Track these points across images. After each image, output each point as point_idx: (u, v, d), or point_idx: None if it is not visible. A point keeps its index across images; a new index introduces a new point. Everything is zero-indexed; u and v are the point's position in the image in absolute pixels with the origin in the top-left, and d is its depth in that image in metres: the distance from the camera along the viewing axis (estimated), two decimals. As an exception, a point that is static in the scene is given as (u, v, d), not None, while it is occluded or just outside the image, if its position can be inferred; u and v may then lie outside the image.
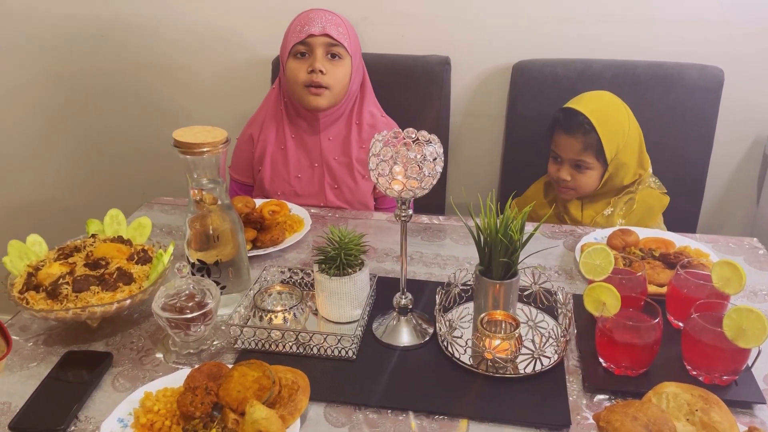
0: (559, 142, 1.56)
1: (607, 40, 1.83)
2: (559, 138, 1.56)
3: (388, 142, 0.96)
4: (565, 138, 1.54)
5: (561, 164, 1.57)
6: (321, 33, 1.55)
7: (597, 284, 1.02)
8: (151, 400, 0.91)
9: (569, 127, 1.52)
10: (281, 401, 0.89)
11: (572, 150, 1.53)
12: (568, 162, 1.55)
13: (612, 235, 1.35)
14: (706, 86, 1.73)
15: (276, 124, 1.68)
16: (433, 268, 1.32)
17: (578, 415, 0.92)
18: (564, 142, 1.54)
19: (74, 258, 1.15)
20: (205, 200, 1.09)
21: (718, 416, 0.84)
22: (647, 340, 0.95)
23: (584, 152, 1.52)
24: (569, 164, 1.55)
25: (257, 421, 0.82)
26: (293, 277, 1.22)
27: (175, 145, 1.03)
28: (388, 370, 1.01)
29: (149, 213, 1.56)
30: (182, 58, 2.05)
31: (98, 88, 2.15)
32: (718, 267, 1.05)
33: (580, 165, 1.54)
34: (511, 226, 1.00)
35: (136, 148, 2.23)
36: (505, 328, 1.02)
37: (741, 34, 1.77)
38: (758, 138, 1.90)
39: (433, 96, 1.85)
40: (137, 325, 1.14)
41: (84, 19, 2.04)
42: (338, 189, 1.66)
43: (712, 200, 1.98)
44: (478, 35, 1.88)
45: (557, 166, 1.58)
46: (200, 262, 1.11)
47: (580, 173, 1.55)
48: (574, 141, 1.52)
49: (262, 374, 0.91)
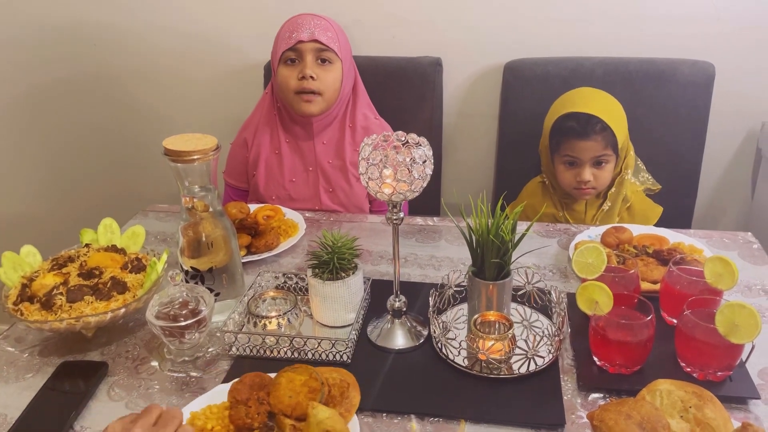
0: (576, 147, 1.53)
1: (598, 38, 1.83)
2: (575, 144, 1.53)
3: (377, 146, 0.96)
4: (583, 144, 1.52)
5: (580, 167, 1.55)
6: (310, 39, 1.55)
7: (589, 283, 1.02)
8: (201, 419, 0.89)
9: (586, 132, 1.51)
10: (334, 400, 0.90)
11: (593, 150, 1.52)
12: (588, 163, 1.53)
13: (606, 232, 1.35)
14: (698, 81, 1.74)
15: (270, 129, 1.69)
16: (428, 269, 1.32)
17: (573, 414, 0.92)
18: (583, 146, 1.52)
19: (68, 268, 1.16)
20: (197, 208, 1.09)
21: (712, 413, 0.84)
22: (640, 337, 0.95)
23: (605, 149, 1.52)
24: (590, 164, 1.54)
25: (323, 422, 0.82)
26: (287, 282, 1.23)
27: (165, 154, 1.03)
28: (382, 374, 1.01)
29: (144, 221, 1.56)
30: (174, 63, 2.05)
31: (90, 95, 2.15)
32: (710, 263, 1.05)
33: (601, 161, 1.54)
34: (502, 227, 1.00)
35: (129, 156, 2.23)
36: (498, 328, 1.02)
37: (731, 29, 1.77)
38: (751, 132, 1.90)
39: (426, 97, 1.86)
40: (132, 333, 1.14)
41: (74, 26, 2.04)
42: (333, 192, 1.67)
43: (706, 196, 1.98)
44: (469, 36, 1.88)
45: (576, 170, 1.56)
46: (194, 269, 1.12)
47: (601, 170, 1.55)
48: (593, 143, 1.51)
49: (309, 377, 0.91)
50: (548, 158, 1.64)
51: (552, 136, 1.59)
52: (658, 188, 1.68)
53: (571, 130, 1.53)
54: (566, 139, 1.55)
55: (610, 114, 1.52)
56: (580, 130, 1.52)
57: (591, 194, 1.59)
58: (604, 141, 1.52)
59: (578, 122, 1.52)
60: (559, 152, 1.58)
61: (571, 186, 1.58)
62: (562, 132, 1.56)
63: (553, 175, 1.64)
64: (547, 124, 1.61)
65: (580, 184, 1.56)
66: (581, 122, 1.52)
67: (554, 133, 1.58)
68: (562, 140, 1.56)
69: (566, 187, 1.60)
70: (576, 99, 1.58)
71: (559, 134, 1.57)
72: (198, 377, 1.02)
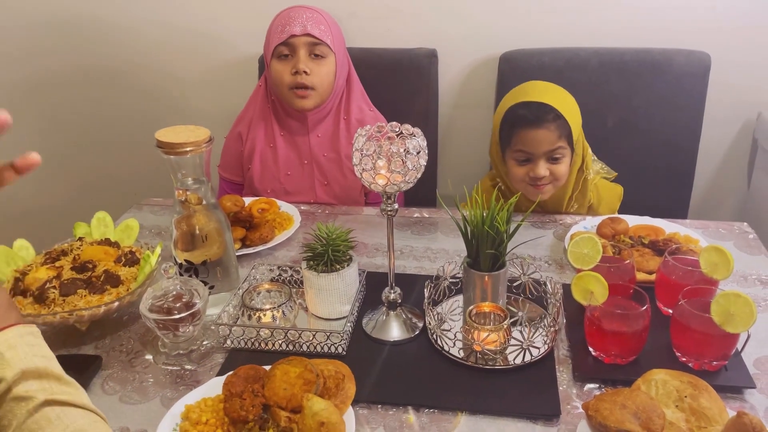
0: (528, 139, 1.40)
1: (593, 28, 1.82)
2: (527, 135, 1.40)
3: (371, 137, 0.95)
4: (535, 132, 1.39)
5: (533, 162, 1.42)
6: (302, 33, 1.53)
7: (585, 273, 1.02)
8: (196, 412, 0.89)
9: (540, 120, 1.39)
10: (329, 392, 0.90)
11: (547, 142, 1.40)
12: (542, 156, 1.41)
13: (602, 223, 1.35)
14: (694, 71, 1.73)
15: (265, 123, 1.68)
16: (424, 261, 1.32)
17: (568, 405, 0.92)
18: (535, 137, 1.40)
19: (61, 262, 1.15)
20: (190, 200, 1.09)
21: (707, 402, 0.84)
22: (636, 327, 0.95)
23: (559, 140, 1.41)
24: (544, 158, 1.41)
25: (318, 413, 0.82)
26: (282, 275, 1.22)
27: (158, 146, 1.03)
28: (378, 365, 1.00)
29: (138, 214, 1.55)
30: (167, 56, 2.04)
31: (83, 89, 2.13)
32: (705, 253, 1.05)
33: (556, 156, 1.42)
34: (497, 218, 0.99)
35: (123, 149, 2.22)
36: (493, 319, 1.01)
37: (727, 18, 1.77)
38: (747, 122, 1.90)
39: (421, 89, 1.85)
40: (126, 327, 1.13)
41: (66, 20, 2.03)
42: (328, 185, 1.66)
43: (702, 186, 1.98)
44: (464, 27, 1.87)
45: (528, 166, 1.43)
46: (187, 262, 1.11)
47: (557, 164, 1.42)
48: (547, 132, 1.39)
49: (304, 369, 0.91)
50: (500, 158, 1.51)
51: (502, 129, 1.46)
52: (613, 176, 1.62)
53: (522, 118, 1.41)
54: (518, 131, 1.42)
55: (563, 104, 1.43)
56: (532, 118, 1.40)
57: (548, 191, 1.46)
58: (558, 131, 1.40)
59: (530, 110, 1.41)
60: (511, 146, 1.44)
61: (524, 182, 1.45)
62: (513, 122, 1.43)
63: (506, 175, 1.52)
64: (497, 119, 1.49)
65: (534, 180, 1.43)
66: (533, 110, 1.40)
67: (505, 124, 1.45)
68: (513, 132, 1.43)
69: (518, 185, 1.47)
70: (528, 89, 1.47)
71: (510, 125, 1.44)
72: (192, 370, 1.02)
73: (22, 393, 0.64)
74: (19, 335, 0.68)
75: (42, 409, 0.64)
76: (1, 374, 0.64)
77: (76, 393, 0.68)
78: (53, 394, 0.66)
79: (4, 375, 0.64)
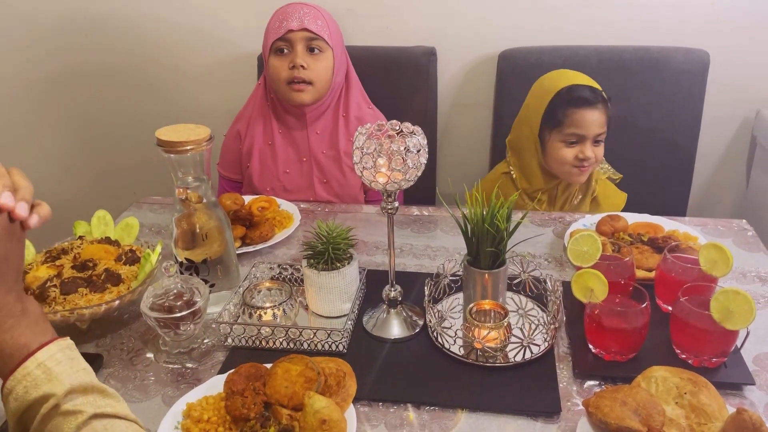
0: (585, 119, 1.47)
1: (592, 26, 1.82)
2: (584, 115, 1.47)
3: (371, 135, 0.96)
4: (591, 113, 1.47)
5: (582, 143, 1.49)
6: (300, 28, 1.54)
7: (584, 271, 1.02)
8: (197, 410, 0.89)
9: (596, 102, 1.47)
10: (330, 390, 0.90)
11: (599, 124, 1.48)
12: (590, 139, 1.49)
13: (601, 221, 1.35)
14: (692, 69, 1.74)
15: (263, 120, 1.68)
16: (424, 259, 1.32)
17: (569, 402, 0.92)
18: (591, 117, 1.47)
19: (62, 260, 1.15)
20: (191, 198, 1.09)
21: (707, 399, 0.84)
22: (635, 324, 0.95)
23: (605, 123, 1.49)
24: (591, 141, 1.49)
25: (319, 411, 0.82)
26: (283, 273, 1.22)
27: (159, 144, 1.03)
28: (378, 363, 1.01)
29: (138, 213, 1.55)
30: (167, 54, 2.04)
31: (82, 87, 2.13)
32: (705, 250, 1.05)
33: (599, 139, 1.50)
34: (497, 216, 0.99)
35: (123, 148, 2.22)
36: (493, 317, 1.02)
37: (725, 17, 1.77)
38: (745, 119, 1.90)
39: (420, 87, 1.85)
40: (127, 325, 1.13)
41: (67, 18, 2.03)
42: (327, 183, 1.66)
43: (701, 183, 1.99)
44: (463, 25, 1.87)
45: (578, 147, 1.49)
46: (188, 260, 1.11)
47: (598, 147, 1.51)
48: (600, 114, 1.48)
49: (306, 367, 0.91)
50: (534, 142, 1.55)
51: (555, 109, 1.50)
52: (618, 177, 1.65)
53: (581, 99, 1.47)
54: (573, 110, 1.47)
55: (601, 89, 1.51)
56: (593, 99, 1.47)
57: (587, 173, 1.53)
58: (606, 114, 1.49)
59: (587, 92, 1.47)
60: (563, 127, 1.49)
61: (571, 165, 1.51)
62: (570, 102, 1.48)
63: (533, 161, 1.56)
64: (543, 101, 1.52)
65: (582, 162, 1.49)
66: (589, 92, 1.48)
67: (559, 105, 1.49)
68: (568, 112, 1.48)
69: (561, 167, 1.53)
70: (570, 75, 1.53)
71: (565, 105, 1.48)
72: (193, 368, 1.02)
73: (71, 408, 0.65)
74: (60, 350, 0.68)
75: (90, 423, 0.65)
76: (51, 390, 0.65)
77: (118, 405, 0.69)
78: (99, 407, 0.66)
79: (54, 390, 0.65)
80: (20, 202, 0.67)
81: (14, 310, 0.68)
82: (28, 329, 0.68)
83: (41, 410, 0.64)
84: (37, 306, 0.71)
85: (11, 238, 0.67)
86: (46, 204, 0.71)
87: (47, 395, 0.65)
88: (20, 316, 0.68)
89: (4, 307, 0.67)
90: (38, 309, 0.71)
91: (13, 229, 0.67)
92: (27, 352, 0.66)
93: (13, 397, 0.65)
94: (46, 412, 0.64)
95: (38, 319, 0.70)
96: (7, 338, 0.66)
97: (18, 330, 0.67)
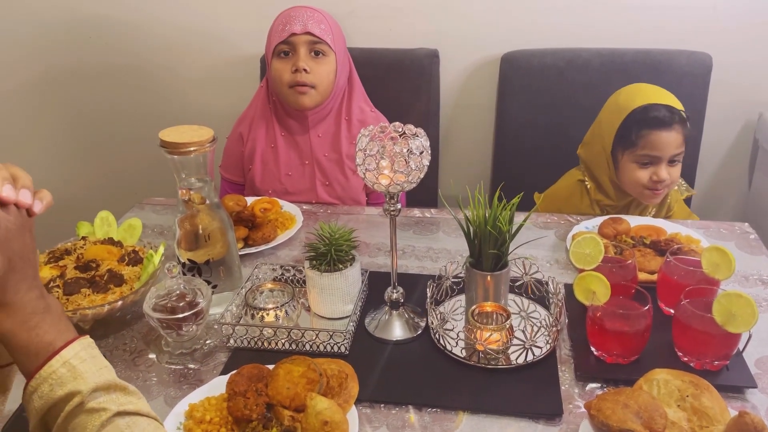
0: (660, 141, 1.40)
1: (595, 29, 1.82)
2: (660, 137, 1.40)
3: (374, 137, 0.96)
4: (668, 135, 1.40)
5: (656, 165, 1.42)
6: (303, 31, 1.54)
7: (587, 273, 1.02)
8: (199, 411, 0.90)
9: (672, 122, 1.40)
10: (332, 391, 0.90)
11: (675, 145, 1.41)
12: (665, 160, 1.42)
13: (603, 223, 1.35)
14: (695, 72, 1.74)
15: (265, 123, 1.68)
16: (426, 261, 1.32)
17: (570, 404, 0.92)
18: (667, 139, 1.40)
19: (65, 261, 1.15)
20: (194, 200, 1.09)
21: (709, 401, 0.84)
22: (637, 327, 0.95)
23: (681, 144, 1.43)
24: (666, 162, 1.42)
25: (321, 412, 0.83)
26: (285, 275, 1.22)
27: (162, 145, 1.03)
28: (380, 365, 1.01)
29: (140, 214, 1.55)
30: (170, 56, 2.05)
31: (86, 89, 2.14)
32: (707, 253, 1.05)
33: (675, 160, 1.43)
34: (499, 218, 1.00)
35: (126, 149, 2.23)
36: (496, 319, 1.02)
37: (728, 19, 1.77)
38: (748, 122, 1.90)
39: (423, 89, 1.85)
40: (130, 326, 1.13)
41: (70, 21, 2.03)
42: (329, 186, 1.66)
43: (703, 186, 1.99)
44: (466, 27, 1.87)
45: (652, 168, 1.43)
46: (191, 261, 1.11)
47: (674, 167, 1.44)
48: (677, 135, 1.41)
49: (308, 368, 0.91)
50: (608, 158, 1.49)
51: (628, 130, 1.44)
52: (692, 193, 1.63)
53: (656, 120, 1.41)
54: (647, 132, 1.41)
55: (680, 106, 1.44)
56: (667, 120, 1.40)
57: (661, 196, 1.47)
58: (683, 134, 1.42)
59: (663, 112, 1.41)
60: (635, 149, 1.43)
61: (644, 187, 1.44)
62: (644, 123, 1.41)
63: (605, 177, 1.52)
64: (616, 119, 1.46)
65: (656, 185, 1.43)
66: (665, 112, 1.41)
67: (633, 126, 1.43)
68: (642, 133, 1.41)
69: (635, 188, 1.47)
70: (646, 91, 1.47)
71: (639, 126, 1.42)
72: (196, 369, 1.02)
73: (95, 405, 0.65)
74: (83, 348, 0.69)
75: (114, 421, 0.65)
76: (76, 387, 0.65)
77: (139, 402, 0.70)
78: (122, 405, 0.67)
79: (79, 388, 0.65)
80: (22, 189, 0.67)
81: (38, 308, 0.67)
82: (53, 327, 0.68)
83: (66, 408, 0.65)
84: (57, 302, 0.71)
85: (23, 232, 0.67)
86: (46, 190, 0.71)
87: (72, 393, 0.65)
88: (44, 314, 0.68)
89: (29, 305, 0.67)
90: (59, 306, 0.71)
91: (22, 221, 0.67)
92: (52, 350, 0.66)
93: (37, 396, 0.65)
94: (71, 410, 0.65)
95: (60, 316, 0.70)
96: (32, 336, 0.66)
97: (43, 328, 0.67)
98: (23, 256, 0.67)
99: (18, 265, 0.66)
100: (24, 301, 0.66)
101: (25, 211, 0.68)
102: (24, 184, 0.68)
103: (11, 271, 0.65)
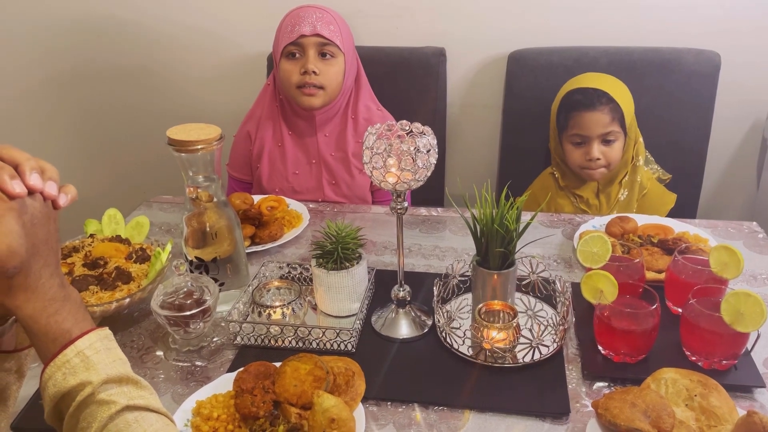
0: (583, 122, 1.54)
1: (602, 27, 1.82)
2: (582, 118, 1.55)
3: (381, 135, 0.96)
4: (590, 115, 1.53)
5: (588, 144, 1.55)
6: (312, 33, 1.53)
7: (594, 272, 1.02)
8: (207, 408, 0.90)
9: (592, 104, 1.53)
10: (339, 389, 0.90)
11: (600, 124, 1.53)
12: (596, 139, 1.54)
13: (610, 222, 1.35)
14: (703, 71, 1.73)
15: (273, 122, 1.68)
16: (432, 259, 1.32)
17: (578, 403, 0.92)
18: (590, 119, 1.54)
19: (73, 258, 1.16)
20: (201, 197, 1.09)
21: (717, 401, 0.84)
22: (645, 326, 0.95)
23: (611, 123, 1.53)
24: (598, 141, 1.54)
25: (328, 410, 0.83)
26: (292, 273, 1.23)
27: (169, 143, 1.03)
28: (387, 363, 1.01)
29: (148, 212, 1.56)
30: (177, 54, 2.05)
31: (93, 88, 2.15)
32: (715, 252, 1.05)
33: (609, 139, 1.54)
34: (506, 216, 0.99)
35: (134, 147, 2.24)
36: (503, 317, 1.02)
37: (737, 18, 1.76)
38: (756, 121, 1.89)
39: (429, 88, 1.85)
40: (137, 323, 1.14)
41: (79, 20, 2.04)
42: (336, 185, 1.66)
43: (711, 185, 1.98)
44: (472, 26, 1.87)
45: (584, 148, 1.56)
46: (198, 259, 1.12)
47: (609, 147, 1.55)
48: (600, 115, 1.53)
49: (314, 366, 0.91)
50: (557, 143, 1.64)
51: (559, 114, 1.60)
52: (668, 178, 1.69)
53: (577, 102, 1.55)
54: (573, 114, 1.56)
55: (614, 89, 1.55)
56: (587, 102, 1.54)
57: (601, 173, 1.58)
58: (611, 114, 1.53)
59: (584, 95, 1.55)
60: (567, 130, 1.58)
61: (581, 166, 1.58)
62: (569, 107, 1.57)
63: (562, 160, 1.64)
64: (554, 106, 1.63)
65: (589, 163, 1.56)
66: (587, 95, 1.54)
67: (561, 110, 1.60)
68: (569, 116, 1.57)
69: (575, 168, 1.60)
70: (582, 78, 1.61)
71: (566, 110, 1.58)
72: (203, 366, 1.03)
73: (105, 397, 0.66)
74: (99, 339, 0.69)
75: (123, 414, 0.66)
76: (88, 378, 0.66)
77: (150, 397, 0.70)
78: (132, 399, 0.67)
79: (90, 379, 0.66)
80: (49, 181, 0.68)
81: (58, 295, 0.68)
82: (71, 315, 0.68)
83: (77, 398, 0.65)
84: (77, 293, 0.72)
85: (48, 221, 0.68)
86: (72, 186, 0.72)
87: (84, 383, 0.66)
88: (64, 301, 0.68)
89: (50, 291, 0.67)
90: (78, 296, 0.72)
91: (48, 211, 0.68)
92: (69, 338, 0.67)
93: (51, 383, 0.66)
94: (82, 399, 0.65)
95: (79, 306, 0.71)
96: (51, 322, 0.67)
97: (62, 315, 0.68)
98: (48, 243, 0.68)
99: (42, 251, 0.67)
100: (46, 287, 0.67)
101: (50, 202, 0.69)
102: (51, 176, 0.69)
103: (36, 255, 0.66)
